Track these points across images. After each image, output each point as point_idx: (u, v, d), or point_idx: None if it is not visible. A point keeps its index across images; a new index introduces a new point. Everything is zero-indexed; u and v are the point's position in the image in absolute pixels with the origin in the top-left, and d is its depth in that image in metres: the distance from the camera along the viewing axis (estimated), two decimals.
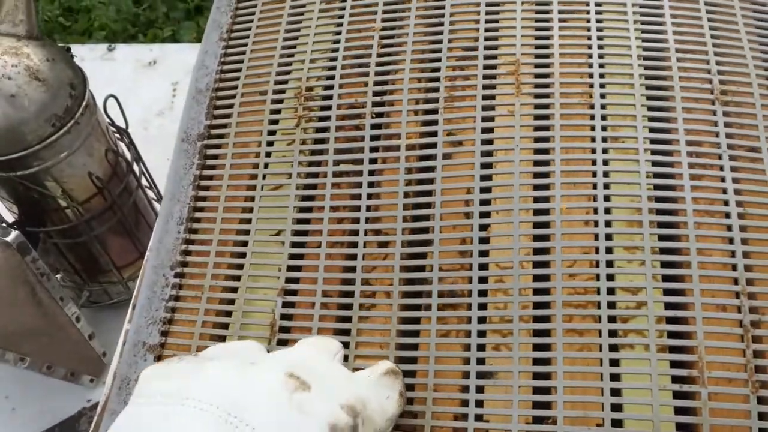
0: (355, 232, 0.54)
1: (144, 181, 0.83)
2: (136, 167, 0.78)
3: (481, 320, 0.49)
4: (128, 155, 0.78)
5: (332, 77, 0.59)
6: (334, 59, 0.60)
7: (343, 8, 0.62)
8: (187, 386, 0.38)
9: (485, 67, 0.57)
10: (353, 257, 0.53)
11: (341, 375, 0.43)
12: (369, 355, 0.50)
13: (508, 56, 0.57)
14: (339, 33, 0.61)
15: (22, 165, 0.66)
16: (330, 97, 0.58)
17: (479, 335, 0.49)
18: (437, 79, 0.57)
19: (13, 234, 0.63)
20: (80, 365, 0.77)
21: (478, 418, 0.47)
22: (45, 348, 0.71)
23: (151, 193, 0.85)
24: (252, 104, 0.60)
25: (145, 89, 0.97)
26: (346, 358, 0.50)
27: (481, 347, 0.49)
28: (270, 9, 0.64)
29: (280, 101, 0.59)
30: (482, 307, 0.50)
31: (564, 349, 0.47)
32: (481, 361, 0.48)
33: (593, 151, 0.53)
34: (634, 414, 0.45)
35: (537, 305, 0.49)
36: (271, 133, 0.58)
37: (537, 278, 0.50)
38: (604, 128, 0.54)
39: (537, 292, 0.50)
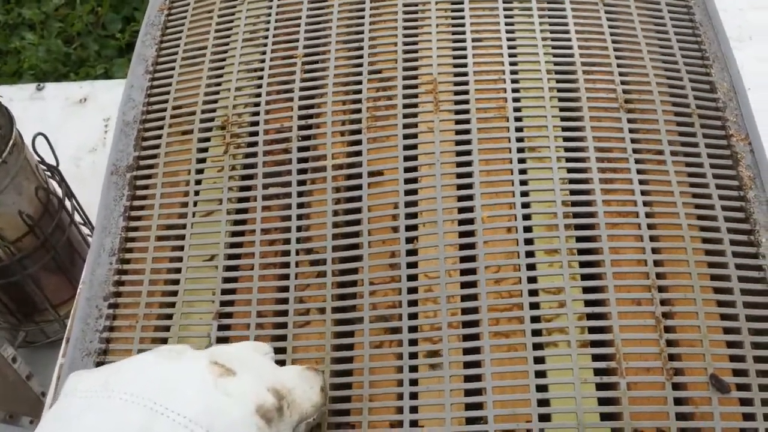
0: (287, 253, 0.55)
1: (78, 218, 0.83)
2: (68, 204, 0.78)
3: (412, 329, 0.51)
4: (60, 192, 0.78)
5: (258, 104, 0.60)
6: (260, 86, 0.61)
7: (266, 37, 0.64)
8: (112, 380, 0.39)
9: (404, 87, 0.59)
10: (286, 277, 0.54)
11: (266, 363, 0.44)
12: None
13: (426, 75, 0.60)
14: (263, 61, 0.63)
15: None
16: (257, 123, 0.60)
17: (410, 344, 0.51)
18: (359, 101, 0.59)
19: None
20: (19, 406, 0.76)
21: (413, 423, 0.48)
22: None
23: (85, 230, 0.84)
24: (180, 134, 0.61)
25: (76, 127, 0.96)
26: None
27: (413, 355, 0.50)
28: (195, 41, 0.66)
29: (208, 129, 0.61)
30: (413, 316, 0.51)
31: (492, 350, 0.49)
32: (413, 369, 0.50)
33: (511, 161, 0.56)
34: (559, 408, 0.47)
35: (465, 311, 0.51)
36: (200, 161, 0.59)
37: (464, 285, 0.52)
38: (520, 139, 0.57)
39: (464, 298, 0.52)
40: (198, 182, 0.59)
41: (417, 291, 0.52)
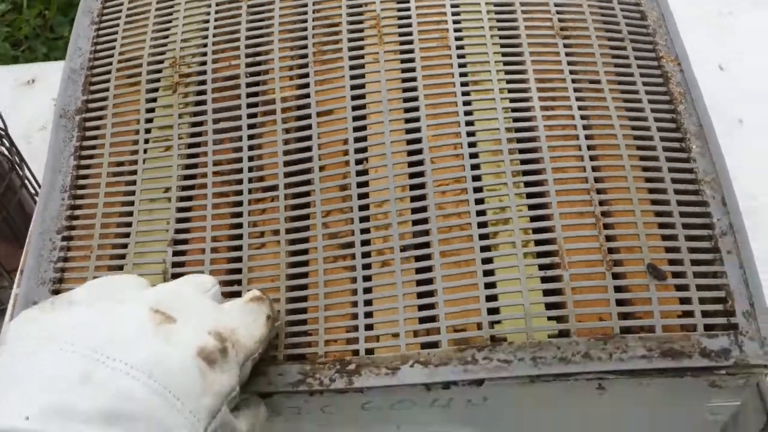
0: (240, 182, 0.56)
1: (31, 189, 0.83)
2: (19, 171, 0.78)
3: (365, 243, 0.52)
4: (9, 157, 0.78)
5: (205, 45, 0.62)
6: (206, 29, 0.63)
7: None
8: (52, 329, 0.39)
9: (349, 23, 0.61)
10: (239, 204, 0.55)
11: (207, 306, 0.44)
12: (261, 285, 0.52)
13: (370, 12, 0.62)
14: (209, 7, 0.64)
15: None
16: (204, 63, 0.61)
17: (364, 256, 0.52)
18: (305, 38, 0.61)
19: None
20: None
21: (368, 327, 0.50)
22: None
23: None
24: (128, 77, 0.62)
25: (26, 106, 0.96)
26: (239, 294, 0.51)
27: (366, 266, 0.52)
28: None
29: (157, 71, 0.61)
30: (365, 231, 0.53)
31: (441, 256, 0.51)
32: (367, 278, 0.51)
33: (455, 95, 0.57)
34: (507, 301, 0.49)
35: (416, 222, 0.53)
36: (150, 100, 0.60)
37: (415, 211, 0.53)
38: (462, 65, 0.59)
39: (415, 223, 0.53)
40: (148, 121, 0.60)
41: (368, 208, 0.54)
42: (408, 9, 0.62)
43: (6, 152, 0.77)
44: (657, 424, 0.54)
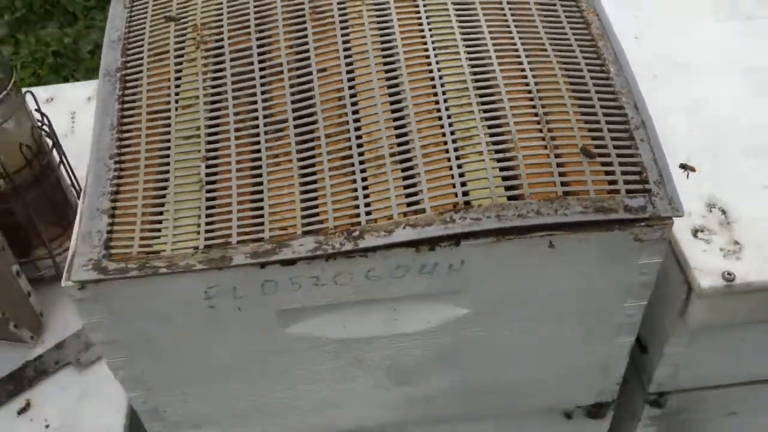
0: (256, 117, 0.70)
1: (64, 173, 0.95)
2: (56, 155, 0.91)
3: (360, 154, 0.66)
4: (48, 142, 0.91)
5: (221, 13, 0.76)
6: (220, 2, 0.77)
7: None
8: None
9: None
10: (257, 138, 0.69)
11: None
12: (279, 196, 0.65)
13: None
14: None
15: None
16: (221, 26, 0.75)
17: (361, 171, 0.65)
18: (302, 9, 0.76)
19: None
20: (22, 321, 0.86)
21: (368, 213, 0.63)
22: None
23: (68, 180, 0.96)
24: (159, 40, 0.76)
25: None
26: (261, 200, 0.65)
27: (362, 171, 0.65)
28: None
29: (183, 34, 0.76)
30: (359, 146, 0.67)
31: (423, 159, 0.65)
32: (364, 179, 0.65)
33: (428, 54, 0.72)
34: (475, 186, 0.63)
35: (400, 144, 0.66)
36: (178, 57, 0.74)
37: (398, 128, 0.67)
38: (431, 32, 0.74)
39: (399, 137, 0.67)
40: (177, 77, 0.74)
41: (361, 129, 0.68)
42: None
43: (47, 131, 0.90)
44: (599, 283, 0.67)
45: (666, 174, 0.64)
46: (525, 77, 0.70)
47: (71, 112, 1.18)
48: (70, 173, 0.95)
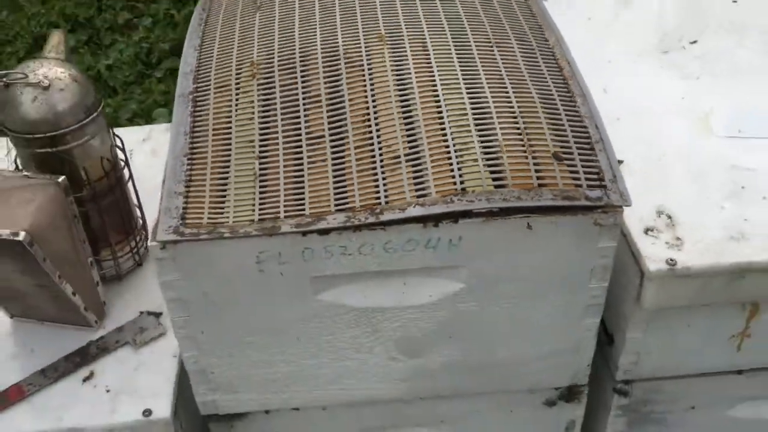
0: (299, 133, 0.89)
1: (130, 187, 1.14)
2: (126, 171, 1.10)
3: (382, 164, 0.85)
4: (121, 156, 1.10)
5: (272, 53, 0.97)
6: (272, 41, 0.98)
7: (273, 12, 1.02)
8: None
9: (364, 36, 0.97)
10: (299, 146, 0.88)
11: None
12: (317, 184, 0.84)
13: (377, 31, 0.98)
14: (273, 25, 1.00)
15: (61, 142, 0.96)
16: (272, 63, 0.96)
17: (381, 169, 0.84)
18: (336, 48, 0.97)
19: (62, 177, 0.93)
20: (90, 306, 1.02)
21: (386, 196, 0.81)
22: (73, 279, 0.97)
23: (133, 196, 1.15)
24: (223, 72, 0.96)
25: None
26: (302, 188, 0.83)
27: (383, 168, 0.84)
28: (226, 22, 1.03)
29: (241, 68, 0.96)
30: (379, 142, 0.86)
31: (430, 156, 0.84)
32: (384, 174, 0.83)
33: (432, 68, 0.92)
34: (470, 178, 0.81)
35: (410, 143, 0.85)
36: (238, 85, 0.94)
37: (410, 133, 0.87)
38: (437, 61, 0.94)
39: (410, 138, 0.86)
40: (237, 101, 0.93)
41: (382, 146, 0.87)
42: (399, 28, 0.98)
43: (121, 149, 1.10)
44: (568, 263, 0.84)
45: (618, 175, 0.83)
46: (511, 104, 0.89)
47: (129, 150, 1.39)
48: (134, 188, 1.14)
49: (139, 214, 1.15)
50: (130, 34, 2.78)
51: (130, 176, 1.11)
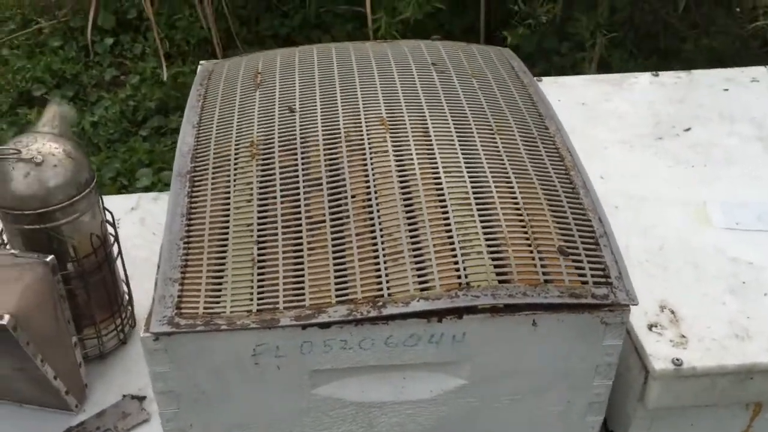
0: (299, 218, 0.87)
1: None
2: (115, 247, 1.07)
3: (384, 255, 0.83)
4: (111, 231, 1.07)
5: (272, 133, 0.96)
6: (272, 121, 0.97)
7: (272, 102, 1.01)
8: None
9: (365, 119, 0.96)
10: (299, 231, 0.86)
11: None
12: (318, 273, 0.81)
13: (377, 116, 0.97)
14: (273, 103, 0.99)
15: (51, 219, 0.93)
16: (272, 143, 0.94)
17: (384, 261, 0.82)
18: (338, 129, 0.96)
19: (50, 257, 0.89)
20: (71, 389, 0.97)
21: (388, 290, 0.79)
22: (55, 361, 0.92)
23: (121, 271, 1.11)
24: (222, 151, 0.94)
25: None
26: (302, 276, 0.81)
27: (385, 261, 0.82)
28: (225, 100, 1.02)
29: (240, 148, 0.94)
30: (382, 231, 0.84)
31: (435, 251, 0.82)
32: (386, 263, 0.82)
33: (438, 175, 0.92)
34: (475, 263, 0.79)
35: (412, 239, 0.84)
36: (237, 166, 0.93)
37: (412, 231, 0.85)
38: (440, 155, 0.93)
39: (414, 237, 0.85)
40: (235, 178, 0.91)
41: (384, 236, 0.85)
42: (401, 111, 0.98)
43: (111, 226, 1.07)
44: (573, 360, 0.82)
45: (624, 272, 0.82)
46: (514, 194, 0.88)
47: (117, 219, 1.36)
48: (122, 265, 1.11)
49: (125, 289, 1.12)
50: (117, 91, 2.77)
51: (119, 252, 1.08)
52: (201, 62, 1.22)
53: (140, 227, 1.31)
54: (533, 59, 2.60)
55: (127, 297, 1.12)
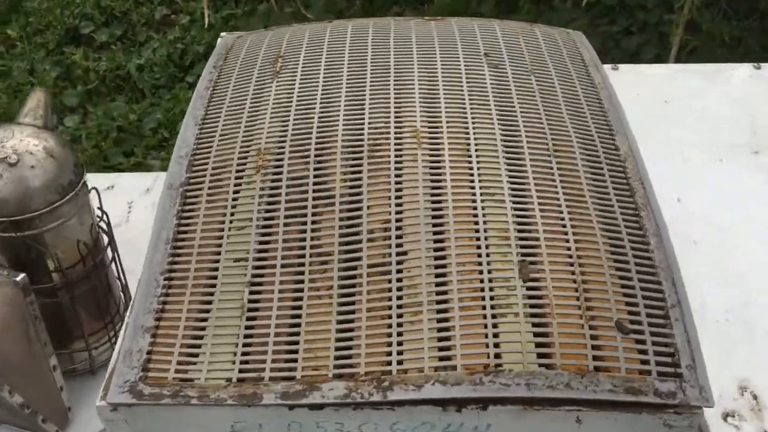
0: (303, 248, 0.73)
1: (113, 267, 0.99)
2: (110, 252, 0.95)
3: (399, 297, 0.68)
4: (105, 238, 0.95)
5: (284, 139, 0.80)
6: (285, 129, 0.81)
7: (290, 102, 0.85)
8: None
9: (396, 128, 0.80)
10: (302, 268, 0.71)
11: None
12: (315, 332, 0.67)
13: (411, 125, 0.81)
14: (290, 100, 0.83)
15: (29, 226, 0.82)
16: (282, 152, 0.79)
17: (398, 316, 0.67)
18: (362, 138, 0.80)
19: (21, 275, 0.78)
20: (50, 415, 0.87)
21: (399, 363, 0.64)
22: (29, 388, 0.82)
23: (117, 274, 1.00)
24: (223, 160, 0.80)
25: (105, 207, 1.12)
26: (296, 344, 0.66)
27: (399, 316, 0.67)
28: (237, 90, 0.87)
29: (245, 157, 0.80)
30: (399, 290, 0.69)
31: (460, 311, 0.66)
32: (399, 324, 0.67)
33: (474, 197, 0.75)
34: (508, 338, 0.64)
35: (438, 293, 0.68)
36: (238, 179, 0.78)
37: (438, 276, 0.69)
38: (480, 177, 0.77)
39: (438, 285, 0.69)
40: (235, 199, 0.77)
41: (402, 281, 0.70)
42: (439, 123, 0.81)
43: (105, 229, 0.94)
44: None
45: (698, 359, 0.65)
46: (566, 237, 0.71)
47: (129, 202, 1.24)
48: (119, 269, 0.99)
49: (122, 296, 1.00)
50: (166, 31, 2.64)
51: (113, 258, 0.96)
52: (222, 34, 1.06)
53: (154, 212, 1.19)
54: (613, 14, 2.34)
55: (123, 302, 1.00)
